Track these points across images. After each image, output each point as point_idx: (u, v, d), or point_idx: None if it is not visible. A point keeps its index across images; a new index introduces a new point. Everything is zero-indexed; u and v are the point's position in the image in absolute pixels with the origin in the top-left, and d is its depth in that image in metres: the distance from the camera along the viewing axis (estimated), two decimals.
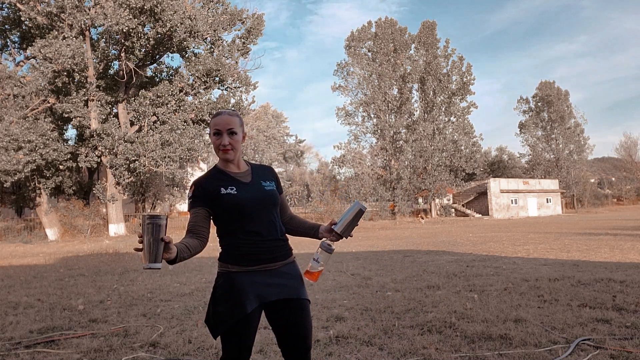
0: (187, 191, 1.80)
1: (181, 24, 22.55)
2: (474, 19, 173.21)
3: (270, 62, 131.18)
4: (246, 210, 2.04)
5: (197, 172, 37.00)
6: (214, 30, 25.78)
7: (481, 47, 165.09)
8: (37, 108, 21.43)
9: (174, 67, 28.33)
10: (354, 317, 4.63)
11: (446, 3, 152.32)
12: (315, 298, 5.64)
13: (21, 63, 24.56)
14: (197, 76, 24.66)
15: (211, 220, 2.11)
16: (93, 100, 22.88)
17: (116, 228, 23.87)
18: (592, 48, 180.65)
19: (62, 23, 21.36)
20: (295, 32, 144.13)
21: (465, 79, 45.12)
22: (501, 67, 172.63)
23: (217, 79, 25.57)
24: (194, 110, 24.75)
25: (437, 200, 45.83)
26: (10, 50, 24.52)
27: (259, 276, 2.03)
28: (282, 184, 2.31)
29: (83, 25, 21.63)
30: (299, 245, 9.70)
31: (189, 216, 2.12)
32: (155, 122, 24.34)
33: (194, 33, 23.86)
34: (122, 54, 23.66)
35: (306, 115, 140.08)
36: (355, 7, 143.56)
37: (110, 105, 24.89)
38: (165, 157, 23.17)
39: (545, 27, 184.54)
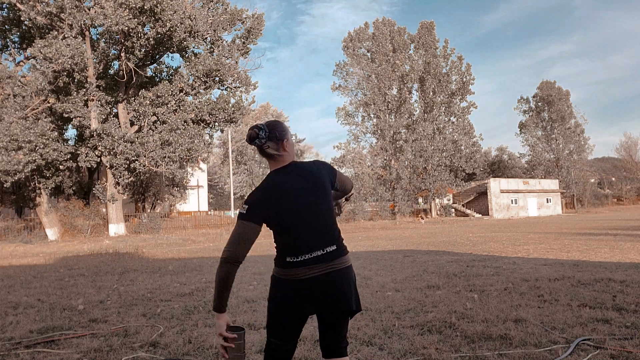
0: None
1: (181, 23, 22.54)
2: (467, 19, 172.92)
3: (264, 63, 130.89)
4: None
5: (197, 172, 36.95)
6: (214, 30, 25.77)
7: (475, 47, 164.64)
8: (37, 108, 21.42)
9: (174, 67, 28.34)
10: (354, 317, 4.61)
11: (438, 3, 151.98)
12: None
13: (21, 63, 24.55)
14: (197, 76, 24.65)
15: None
16: (93, 100, 22.87)
17: (116, 228, 23.87)
18: (587, 48, 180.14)
19: (62, 23, 21.35)
20: (286, 32, 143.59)
21: (465, 79, 45.17)
22: (496, 68, 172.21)
23: (217, 79, 25.56)
24: (194, 110, 24.74)
25: (437, 200, 45.83)
26: (10, 50, 24.50)
27: None
28: None
29: (83, 25, 21.61)
30: None
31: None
32: (155, 122, 24.33)
33: (194, 33, 23.85)
34: (122, 54, 23.65)
35: (302, 115, 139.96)
36: (347, 7, 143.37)
37: (110, 105, 24.88)
38: (165, 157, 23.16)
39: (538, 27, 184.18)
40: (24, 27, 23.56)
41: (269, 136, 2.13)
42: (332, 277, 2.06)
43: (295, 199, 2.05)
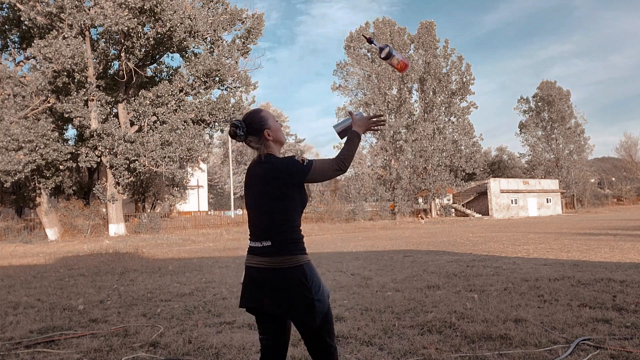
0: (300, 157, 2.04)
1: (181, 23, 22.54)
2: (467, 19, 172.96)
3: (264, 63, 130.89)
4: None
5: (197, 172, 36.95)
6: (214, 30, 25.77)
7: (475, 47, 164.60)
8: (37, 108, 21.42)
9: (174, 67, 28.33)
10: (354, 317, 4.63)
11: (438, 3, 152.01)
12: None
13: (21, 63, 24.54)
14: (197, 76, 24.65)
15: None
16: (93, 100, 22.87)
17: (116, 228, 23.87)
18: (587, 48, 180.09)
19: (62, 23, 21.35)
20: (286, 32, 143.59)
21: (465, 79, 45.19)
22: (496, 67, 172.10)
23: (217, 79, 25.55)
24: (194, 110, 24.74)
25: (437, 200, 45.83)
26: (10, 50, 24.50)
27: None
28: None
29: (83, 25, 21.61)
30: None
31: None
32: (155, 122, 24.33)
33: (194, 33, 23.84)
34: (122, 54, 23.65)
35: (302, 115, 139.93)
36: (346, 7, 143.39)
37: (110, 105, 24.87)
38: (165, 157, 23.16)
39: (538, 27, 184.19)
40: (24, 27, 23.55)
41: (248, 131, 2.16)
42: (262, 274, 2.05)
43: (254, 188, 2.14)
